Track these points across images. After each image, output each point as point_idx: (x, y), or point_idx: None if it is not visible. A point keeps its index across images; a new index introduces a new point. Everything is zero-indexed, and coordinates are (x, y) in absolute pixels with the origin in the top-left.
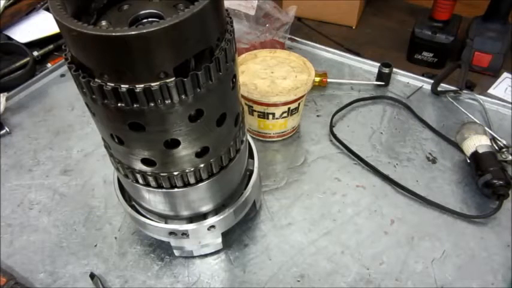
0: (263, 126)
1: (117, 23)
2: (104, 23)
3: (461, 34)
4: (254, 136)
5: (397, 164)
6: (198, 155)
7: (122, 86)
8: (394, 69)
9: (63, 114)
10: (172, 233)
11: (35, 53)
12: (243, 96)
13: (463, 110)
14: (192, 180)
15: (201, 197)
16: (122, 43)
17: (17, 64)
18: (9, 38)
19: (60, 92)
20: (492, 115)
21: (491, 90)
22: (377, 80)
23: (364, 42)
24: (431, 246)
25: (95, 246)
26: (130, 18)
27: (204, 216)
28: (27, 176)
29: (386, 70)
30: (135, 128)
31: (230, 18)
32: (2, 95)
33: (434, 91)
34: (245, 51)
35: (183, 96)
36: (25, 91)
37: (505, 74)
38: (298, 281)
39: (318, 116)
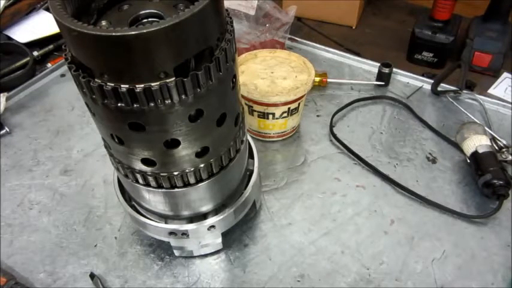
0: (263, 126)
1: (117, 23)
2: (104, 23)
3: (461, 34)
4: (254, 136)
5: (397, 164)
6: (198, 155)
7: (122, 86)
8: (394, 69)
9: (63, 114)
10: (172, 233)
11: (35, 53)
12: (243, 96)
13: (463, 110)
14: (192, 180)
15: (201, 197)
16: (122, 43)
17: (17, 64)
18: (9, 38)
19: (60, 92)
20: (492, 115)
21: (491, 90)
22: (377, 80)
23: (364, 42)
24: (431, 246)
25: (95, 246)
26: (131, 18)
27: (204, 216)
28: (27, 176)
29: (386, 70)
30: (135, 128)
31: (230, 18)
32: (2, 95)
33: (434, 91)
34: (245, 51)
35: (183, 96)
36: (25, 91)
37: (505, 74)
38: (298, 281)
39: (318, 116)
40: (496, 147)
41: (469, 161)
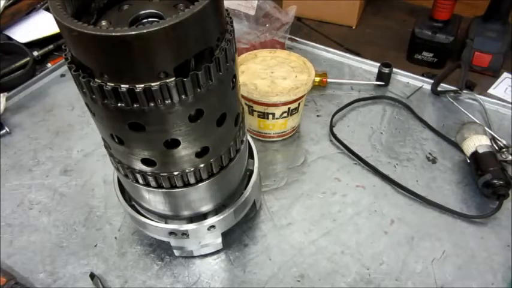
0: (263, 126)
1: (117, 23)
2: (104, 23)
3: (461, 34)
4: (254, 136)
5: (397, 164)
6: (198, 155)
7: (122, 86)
8: (394, 69)
9: (63, 114)
10: (172, 233)
11: (35, 53)
12: (243, 96)
13: (463, 110)
14: (192, 180)
15: (201, 197)
16: (122, 43)
17: (17, 64)
18: (9, 38)
19: (60, 92)
20: (492, 115)
21: (491, 90)
22: (377, 80)
23: (364, 42)
24: (431, 246)
25: (95, 246)
26: (131, 18)
27: (204, 216)
28: (27, 176)
29: (386, 70)
30: (135, 128)
31: (230, 18)
32: (2, 95)
33: (434, 91)
34: (245, 51)
35: (183, 96)
36: (25, 91)
37: (505, 74)
38: (298, 281)
39: (318, 116)
40: (496, 147)
41: (469, 161)
